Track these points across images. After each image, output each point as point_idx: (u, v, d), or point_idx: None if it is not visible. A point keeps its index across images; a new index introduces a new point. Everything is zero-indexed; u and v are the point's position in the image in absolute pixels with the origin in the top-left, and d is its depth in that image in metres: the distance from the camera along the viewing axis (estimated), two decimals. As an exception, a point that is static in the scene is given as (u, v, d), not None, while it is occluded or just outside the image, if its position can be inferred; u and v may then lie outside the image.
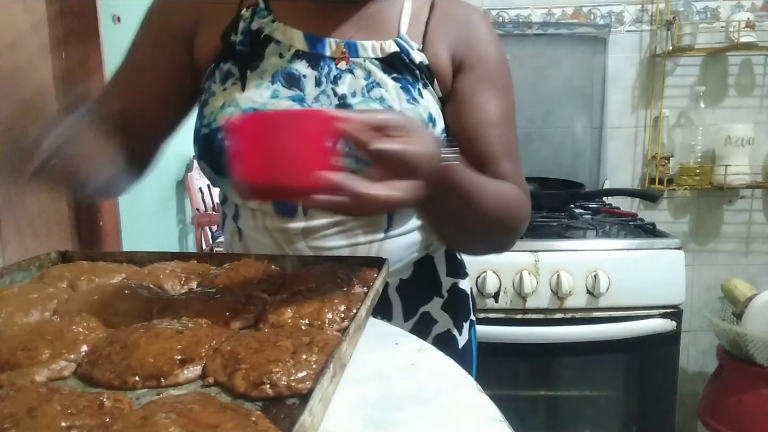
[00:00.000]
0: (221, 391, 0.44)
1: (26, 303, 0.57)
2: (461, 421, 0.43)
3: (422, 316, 0.81)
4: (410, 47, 0.74)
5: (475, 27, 0.79)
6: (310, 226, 0.73)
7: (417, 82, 0.74)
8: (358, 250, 0.74)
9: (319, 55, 0.73)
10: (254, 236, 0.76)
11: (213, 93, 0.73)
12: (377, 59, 0.73)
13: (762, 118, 2.01)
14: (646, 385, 1.53)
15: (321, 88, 0.72)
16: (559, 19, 2.02)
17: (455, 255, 0.87)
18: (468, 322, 0.88)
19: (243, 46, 0.73)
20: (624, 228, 1.66)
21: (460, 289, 0.86)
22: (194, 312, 0.55)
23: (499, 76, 0.79)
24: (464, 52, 0.77)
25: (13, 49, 1.18)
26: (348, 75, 0.73)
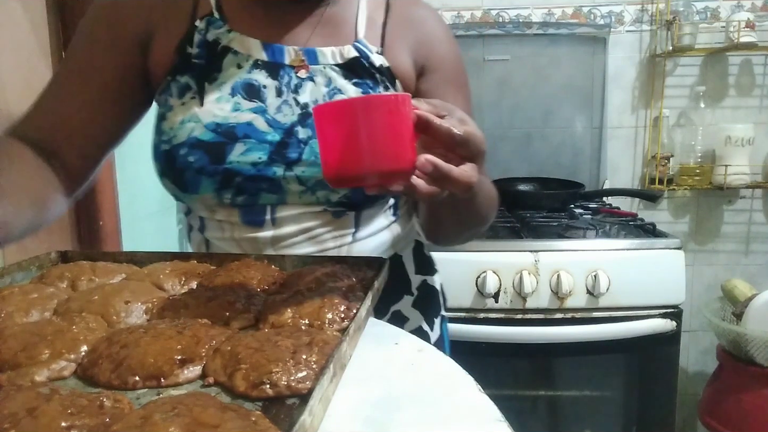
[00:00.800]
0: (221, 391, 0.44)
1: (26, 303, 0.57)
2: (461, 421, 0.43)
3: (393, 315, 0.81)
4: (369, 51, 0.74)
5: (433, 28, 0.79)
6: (279, 235, 0.73)
7: (378, 85, 0.74)
8: (328, 255, 0.74)
9: (278, 64, 0.72)
10: (222, 247, 0.76)
11: (171, 107, 0.71)
12: (337, 65, 0.73)
13: (762, 118, 2.01)
14: (646, 385, 1.53)
15: (282, 98, 0.71)
16: (559, 19, 2.02)
17: (423, 252, 0.88)
18: (439, 318, 0.88)
19: (200, 59, 0.71)
20: (624, 228, 1.66)
21: (429, 286, 0.87)
22: (194, 312, 0.55)
23: (459, 77, 0.81)
24: (425, 54, 0.78)
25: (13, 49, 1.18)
26: (309, 83, 0.72)
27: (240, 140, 0.69)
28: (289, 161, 0.69)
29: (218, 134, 0.69)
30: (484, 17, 2.04)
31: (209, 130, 0.69)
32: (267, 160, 0.69)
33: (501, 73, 2.02)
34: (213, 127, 0.69)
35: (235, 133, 0.69)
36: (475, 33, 2.01)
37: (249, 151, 0.69)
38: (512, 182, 1.97)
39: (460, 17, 2.04)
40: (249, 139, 0.69)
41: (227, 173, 0.69)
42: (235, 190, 0.70)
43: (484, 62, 2.02)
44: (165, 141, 0.70)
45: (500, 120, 2.03)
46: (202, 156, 0.69)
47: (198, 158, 0.69)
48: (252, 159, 0.69)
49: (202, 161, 0.69)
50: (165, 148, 0.70)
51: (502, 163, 2.03)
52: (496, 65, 2.02)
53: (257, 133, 0.69)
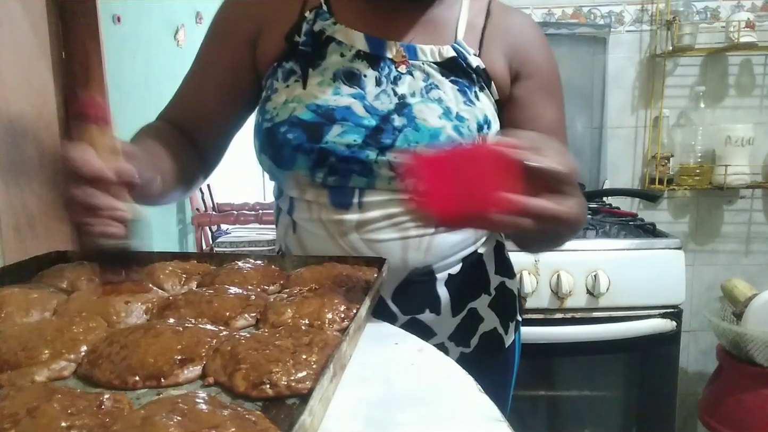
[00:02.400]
0: (221, 391, 0.44)
1: (26, 303, 0.57)
2: (461, 421, 0.43)
3: (469, 313, 0.81)
4: (467, 52, 0.77)
5: (530, 36, 0.83)
6: (364, 219, 0.74)
7: (473, 85, 0.77)
8: (409, 243, 0.75)
9: (379, 56, 0.75)
10: (308, 228, 0.77)
11: (275, 90, 0.75)
12: (435, 63, 0.76)
13: (762, 118, 2.01)
14: (646, 385, 1.53)
15: (381, 88, 0.74)
16: (559, 19, 2.02)
17: (504, 254, 0.88)
18: (514, 323, 0.88)
19: (306, 46, 0.75)
20: (624, 228, 1.66)
21: (507, 289, 0.87)
22: (194, 312, 0.55)
23: (553, 84, 0.85)
24: (521, 60, 0.81)
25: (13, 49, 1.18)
26: (407, 76, 0.75)
27: (338, 122, 0.72)
28: (382, 146, 0.72)
29: (318, 115, 0.72)
30: (484, 17, 2.04)
31: (310, 110, 0.72)
32: (361, 143, 0.72)
33: (501, 73, 2.02)
34: (313, 108, 0.72)
35: (333, 115, 0.72)
36: (475, 33, 2.01)
37: (345, 133, 0.72)
38: (512, 182, 1.97)
39: (460, 17, 2.04)
40: (346, 121, 0.72)
41: (322, 152, 0.72)
42: (328, 169, 0.73)
43: (484, 62, 2.02)
44: (267, 119, 0.75)
45: (500, 120, 2.02)
46: (300, 134, 0.72)
47: (296, 136, 0.72)
48: (347, 141, 0.72)
49: (300, 139, 0.72)
50: (267, 126, 0.74)
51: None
52: (496, 65, 2.02)
53: (354, 117, 0.72)
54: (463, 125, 0.73)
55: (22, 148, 1.21)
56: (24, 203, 1.22)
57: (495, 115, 0.79)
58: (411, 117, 0.72)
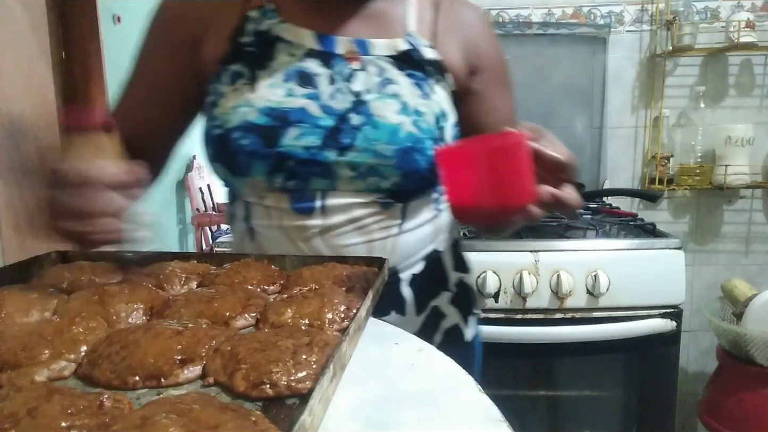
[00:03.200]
0: (221, 391, 0.44)
1: (26, 303, 0.57)
2: (461, 421, 0.43)
3: (432, 311, 0.82)
4: (421, 44, 0.76)
5: (481, 29, 0.83)
6: (327, 224, 0.73)
7: (429, 77, 0.76)
8: (374, 246, 0.75)
9: (330, 54, 0.74)
10: (269, 235, 0.76)
11: (222, 94, 0.73)
12: (389, 56, 0.75)
13: (762, 118, 2.01)
14: (646, 385, 1.53)
15: (336, 86, 0.73)
16: (559, 19, 2.02)
17: (459, 250, 0.89)
18: (473, 316, 0.89)
19: (252, 47, 0.73)
20: (624, 228, 1.66)
21: (466, 284, 0.87)
22: (194, 312, 0.55)
23: (506, 75, 0.86)
24: (476, 53, 0.81)
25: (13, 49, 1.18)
26: (361, 72, 0.73)
27: (293, 124, 0.70)
28: (341, 147, 0.70)
29: (272, 118, 0.70)
30: (484, 17, 2.04)
31: (263, 114, 0.70)
32: (320, 144, 0.70)
33: (501, 73, 2.02)
34: (267, 111, 0.70)
35: (288, 118, 0.70)
36: (475, 33, 2.01)
37: (303, 135, 0.70)
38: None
39: (460, 17, 2.04)
40: (302, 123, 0.70)
41: (280, 156, 0.70)
42: (287, 173, 0.71)
43: (484, 62, 2.02)
44: (217, 126, 0.72)
45: (500, 120, 2.02)
46: (255, 139, 0.70)
47: (251, 141, 0.70)
48: (305, 143, 0.70)
49: (255, 144, 0.70)
50: (218, 132, 0.72)
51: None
52: (496, 65, 2.02)
53: (311, 118, 0.71)
54: (421, 119, 0.72)
55: (22, 148, 1.21)
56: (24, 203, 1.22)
57: (452, 107, 0.78)
58: (369, 114, 0.71)
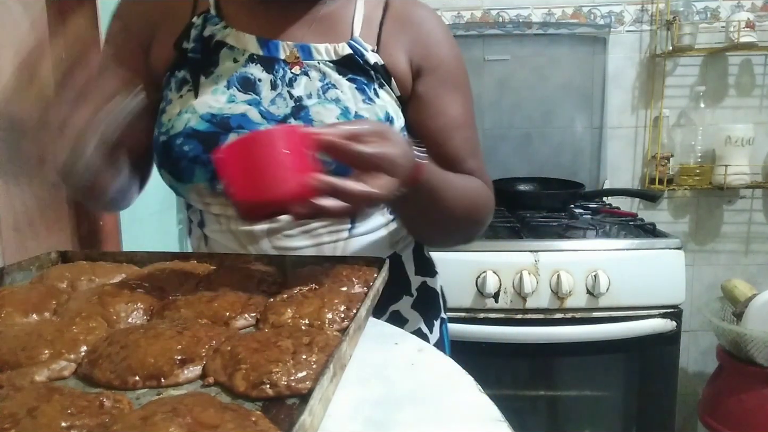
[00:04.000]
0: (221, 391, 0.44)
1: (26, 303, 0.57)
2: (461, 421, 0.43)
3: (392, 315, 0.81)
4: (364, 49, 0.75)
5: (431, 29, 0.79)
6: (274, 227, 0.73)
7: (372, 82, 0.74)
8: (323, 249, 0.74)
9: (273, 59, 0.73)
10: (220, 240, 0.77)
11: (170, 101, 0.73)
12: (331, 62, 0.74)
13: (762, 118, 2.01)
14: (646, 385, 1.53)
15: (277, 91, 0.72)
16: (559, 19, 2.02)
17: (423, 253, 0.88)
18: (438, 320, 0.88)
19: (195, 53, 0.73)
20: (624, 228, 1.66)
21: (429, 288, 0.87)
22: (194, 312, 0.55)
23: (458, 77, 0.81)
24: (422, 55, 0.78)
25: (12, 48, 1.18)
26: (303, 77, 0.73)
27: (234, 130, 0.70)
28: None
29: (213, 124, 0.70)
30: (484, 17, 2.04)
31: (204, 120, 0.70)
32: None
33: (501, 73, 2.02)
34: (208, 117, 0.70)
35: (229, 124, 0.70)
36: (475, 33, 2.01)
37: None
38: (512, 182, 1.97)
39: (460, 17, 2.04)
40: (242, 129, 0.70)
41: None
42: None
43: (484, 62, 2.02)
44: (163, 132, 0.72)
45: (500, 120, 2.02)
46: (196, 145, 0.70)
47: (193, 147, 0.70)
48: None
49: (196, 150, 0.70)
50: (163, 139, 0.72)
51: (502, 163, 2.03)
52: (496, 65, 2.02)
53: (250, 124, 0.70)
54: None
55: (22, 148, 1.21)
56: (24, 203, 1.22)
57: (398, 112, 0.76)
58: (308, 119, 0.71)
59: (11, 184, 1.19)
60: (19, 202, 1.21)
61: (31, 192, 1.25)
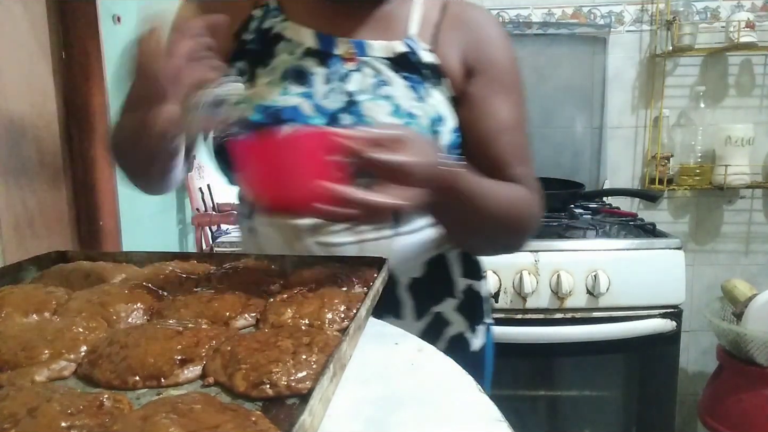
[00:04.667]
0: (221, 391, 0.44)
1: (26, 303, 0.57)
2: (461, 421, 0.43)
3: (435, 317, 0.80)
4: (419, 48, 0.75)
5: (486, 31, 0.80)
6: (319, 223, 0.73)
7: (425, 81, 0.75)
8: (366, 246, 0.74)
9: (328, 53, 0.74)
10: (266, 233, 0.77)
11: None
12: (386, 59, 0.74)
13: (762, 118, 2.01)
14: (646, 385, 1.53)
15: (330, 86, 0.73)
16: (559, 19, 2.02)
17: (471, 256, 0.87)
18: (483, 326, 0.87)
19: (253, 44, 0.75)
20: (624, 228, 1.66)
21: (474, 291, 0.85)
22: (194, 312, 0.55)
23: (510, 80, 0.80)
24: (475, 56, 0.78)
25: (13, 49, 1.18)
26: (356, 73, 0.74)
27: (286, 123, 0.71)
28: None
29: (266, 116, 0.71)
30: (484, 17, 2.04)
31: (258, 111, 0.71)
32: None
33: (501, 73, 2.02)
34: (262, 109, 0.72)
35: (281, 116, 0.71)
36: (475, 33, 2.01)
37: None
38: (512, 182, 1.97)
39: (460, 17, 2.04)
40: (294, 122, 0.71)
41: None
42: None
43: (484, 62, 2.02)
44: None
45: (500, 120, 2.02)
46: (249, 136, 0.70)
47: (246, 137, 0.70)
48: None
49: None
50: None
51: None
52: (496, 65, 2.02)
53: (302, 117, 0.71)
54: (413, 122, 0.72)
55: (22, 148, 1.21)
56: (24, 203, 1.22)
57: (450, 112, 0.76)
58: (359, 115, 0.71)
59: (11, 184, 1.19)
60: (19, 202, 1.21)
61: (31, 192, 1.25)
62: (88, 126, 1.41)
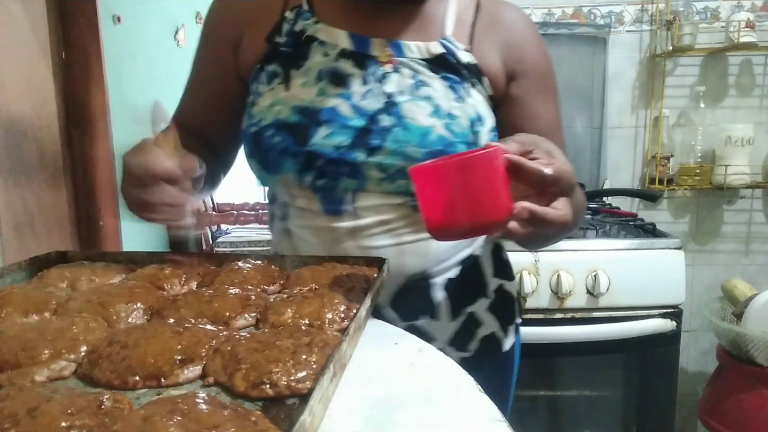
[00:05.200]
0: (221, 391, 0.44)
1: (26, 303, 0.57)
2: (461, 421, 0.43)
3: (468, 317, 0.80)
4: (456, 48, 0.75)
5: (524, 31, 0.80)
6: (358, 226, 0.73)
7: (464, 81, 0.74)
8: (405, 249, 0.74)
9: (364, 54, 0.74)
10: (303, 236, 0.77)
11: (260, 93, 0.75)
12: (423, 59, 0.74)
13: (762, 118, 2.01)
14: (646, 385, 1.53)
15: (368, 87, 0.72)
16: (559, 19, 2.02)
17: (502, 255, 0.87)
18: (513, 326, 0.87)
19: (287, 47, 0.75)
20: (624, 228, 1.66)
21: (506, 291, 0.85)
22: (194, 312, 0.55)
23: (550, 80, 0.82)
24: (516, 57, 0.78)
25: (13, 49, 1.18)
26: (394, 74, 0.73)
27: (324, 124, 0.71)
28: (371, 147, 0.70)
29: (303, 116, 0.71)
30: (484, 17, 2.04)
31: (295, 112, 0.72)
32: (349, 144, 0.70)
33: (501, 73, 2.02)
34: (299, 109, 0.72)
35: (319, 117, 0.71)
36: (475, 33, 2.01)
37: (332, 134, 0.71)
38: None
39: (460, 17, 2.04)
40: (332, 122, 0.71)
41: (309, 155, 0.71)
42: (317, 172, 0.72)
43: (484, 62, 2.02)
44: (253, 124, 0.74)
45: (500, 120, 2.02)
46: (286, 137, 0.71)
47: (282, 139, 0.71)
48: (334, 142, 0.71)
49: (286, 142, 0.71)
50: (253, 130, 0.74)
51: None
52: (496, 65, 2.02)
53: (341, 118, 0.71)
54: (454, 123, 0.71)
55: (22, 148, 1.21)
56: (24, 203, 1.22)
57: (489, 111, 0.76)
58: (399, 116, 0.71)
59: (11, 184, 1.19)
60: (19, 202, 1.21)
61: (31, 192, 1.25)
62: (88, 126, 1.41)
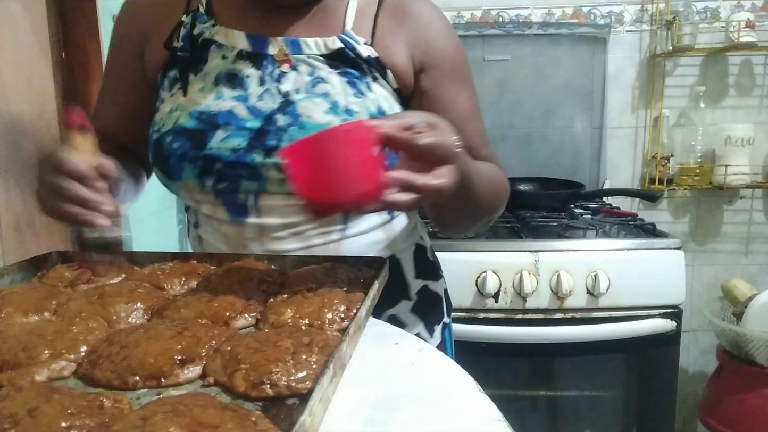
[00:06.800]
0: (221, 391, 0.44)
1: (26, 303, 0.57)
2: (461, 421, 0.43)
3: (389, 320, 0.79)
4: (356, 42, 0.74)
5: (429, 21, 0.78)
6: (263, 227, 0.73)
7: (365, 76, 0.73)
8: (313, 251, 0.74)
9: (261, 55, 0.73)
10: (212, 242, 0.77)
11: (162, 100, 0.74)
12: (321, 56, 0.73)
13: (762, 118, 2.01)
14: (646, 385, 1.53)
15: (264, 87, 0.72)
16: (559, 19, 2.02)
17: (427, 256, 0.87)
18: (440, 325, 0.86)
19: (184, 51, 0.74)
20: (624, 228, 1.66)
21: (431, 292, 0.85)
22: (194, 312, 0.55)
23: (461, 68, 0.81)
24: (424, 49, 0.77)
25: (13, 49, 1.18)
26: (292, 73, 0.72)
27: (221, 127, 0.70)
28: (268, 148, 0.70)
29: (200, 121, 0.71)
30: (484, 17, 2.04)
31: (193, 117, 0.71)
32: (246, 146, 0.70)
33: (501, 73, 2.02)
34: (196, 114, 0.71)
35: (216, 120, 0.71)
36: (475, 33, 2.01)
37: (229, 137, 0.70)
38: (512, 182, 1.94)
39: (460, 17, 2.04)
40: (229, 125, 0.70)
41: (208, 159, 0.71)
42: (216, 176, 0.72)
43: (484, 62, 2.02)
44: (156, 131, 0.74)
45: (500, 120, 2.02)
46: (184, 142, 0.71)
47: (181, 144, 0.71)
48: (231, 145, 0.70)
49: (184, 147, 0.71)
50: (155, 138, 0.73)
51: (502, 163, 2.02)
52: (496, 65, 2.02)
53: (237, 120, 0.70)
54: (352, 118, 0.70)
55: (22, 148, 1.21)
56: (24, 203, 1.22)
57: (393, 105, 0.75)
58: (296, 115, 0.70)
59: (11, 184, 1.19)
60: (19, 202, 1.21)
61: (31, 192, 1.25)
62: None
